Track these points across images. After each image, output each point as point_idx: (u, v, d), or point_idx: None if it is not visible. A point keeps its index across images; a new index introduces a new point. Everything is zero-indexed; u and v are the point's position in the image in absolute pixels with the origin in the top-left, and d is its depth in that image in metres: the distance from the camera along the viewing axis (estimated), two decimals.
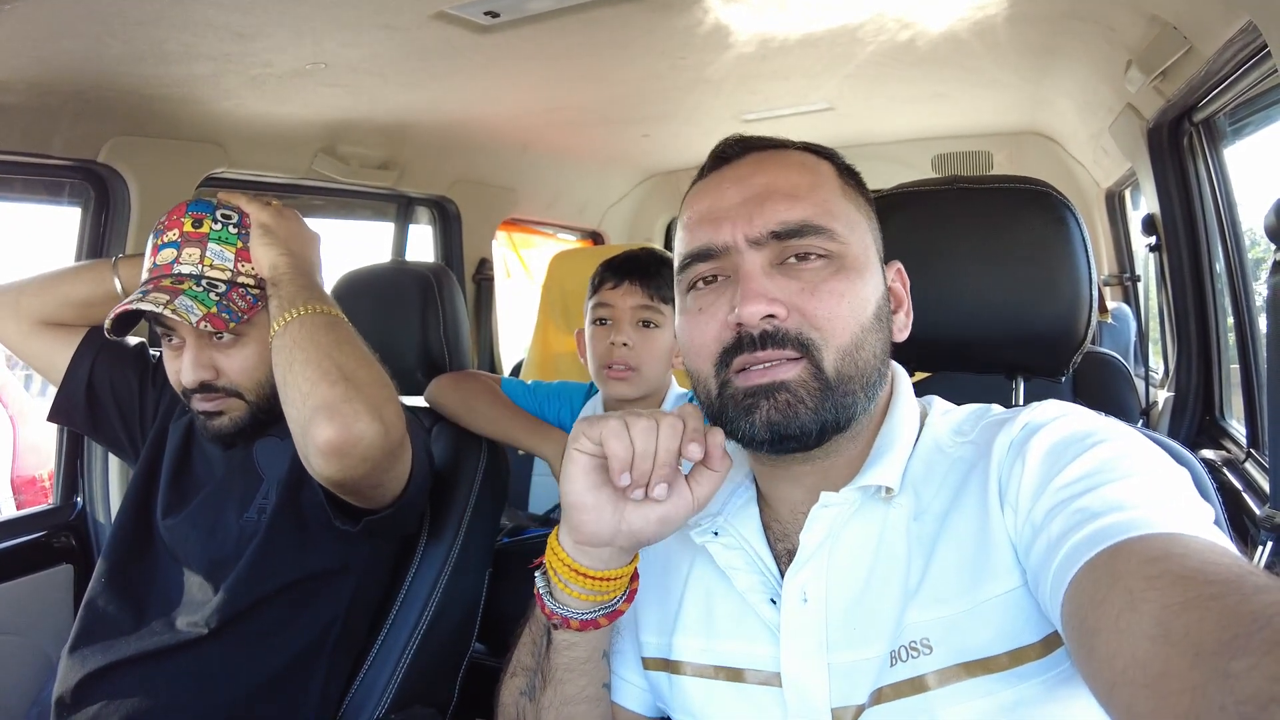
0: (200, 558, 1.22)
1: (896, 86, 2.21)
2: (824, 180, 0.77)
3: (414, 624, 1.32)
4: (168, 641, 1.16)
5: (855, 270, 0.73)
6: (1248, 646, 0.42)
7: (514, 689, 0.83)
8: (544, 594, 0.77)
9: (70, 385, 1.39)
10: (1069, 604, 0.56)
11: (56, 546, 1.71)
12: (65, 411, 1.41)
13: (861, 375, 0.72)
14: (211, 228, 1.21)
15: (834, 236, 0.73)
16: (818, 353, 0.71)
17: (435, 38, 1.52)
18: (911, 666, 0.66)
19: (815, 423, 0.70)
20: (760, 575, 0.77)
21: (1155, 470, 0.62)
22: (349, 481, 1.10)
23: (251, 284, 1.22)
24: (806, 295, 0.71)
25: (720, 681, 0.78)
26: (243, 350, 1.22)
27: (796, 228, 0.72)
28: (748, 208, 0.74)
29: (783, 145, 0.81)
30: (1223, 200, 1.87)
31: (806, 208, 0.73)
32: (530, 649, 0.82)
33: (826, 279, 0.72)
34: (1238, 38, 1.29)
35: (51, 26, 1.29)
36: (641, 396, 1.52)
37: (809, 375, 0.70)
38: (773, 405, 0.70)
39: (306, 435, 1.05)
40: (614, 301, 1.50)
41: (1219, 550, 0.53)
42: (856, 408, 0.73)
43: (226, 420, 1.24)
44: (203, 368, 1.21)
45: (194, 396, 1.23)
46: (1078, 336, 1.02)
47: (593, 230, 3.67)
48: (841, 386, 0.71)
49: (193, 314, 1.14)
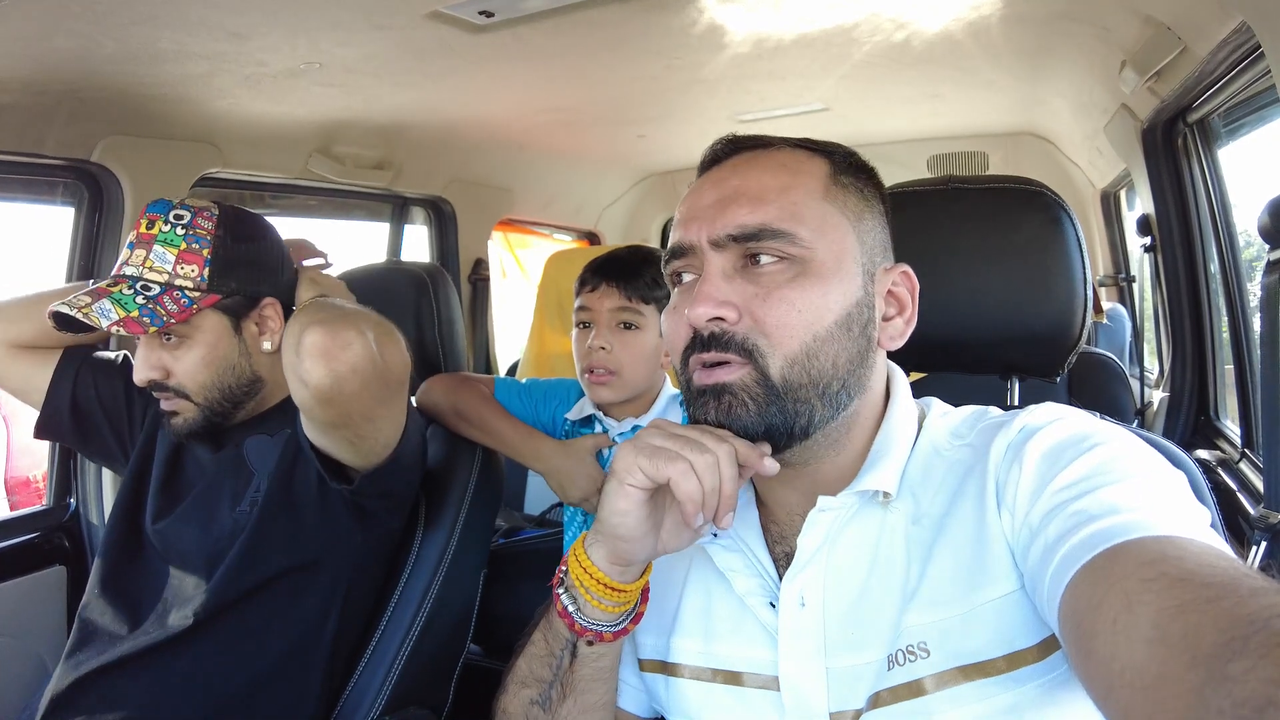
0: (195, 555, 1.22)
1: (892, 87, 2.21)
2: (801, 182, 0.75)
3: (409, 625, 1.32)
4: (159, 638, 1.16)
5: (817, 276, 0.72)
6: (1245, 649, 0.42)
7: (524, 699, 0.81)
8: (573, 613, 0.76)
9: (54, 403, 1.39)
10: (1066, 607, 0.56)
11: (49, 548, 1.70)
12: (51, 429, 1.41)
13: (815, 384, 0.71)
14: (161, 229, 1.22)
15: (794, 241, 0.71)
16: (762, 359, 0.70)
17: (430, 37, 1.51)
18: (909, 670, 0.66)
19: (759, 426, 0.70)
20: (759, 578, 0.77)
21: (1152, 473, 0.62)
22: (338, 397, 1.09)
23: (190, 286, 1.21)
24: (759, 300, 0.71)
25: (718, 684, 0.78)
26: (188, 353, 1.23)
27: (754, 231, 0.72)
28: (714, 210, 0.74)
29: (772, 144, 0.79)
30: (1217, 201, 1.88)
31: (769, 211, 0.72)
32: (547, 662, 0.80)
33: (781, 285, 0.71)
34: (1231, 38, 1.29)
35: (44, 25, 1.28)
36: (626, 400, 1.50)
37: (752, 380, 0.70)
38: (717, 406, 0.71)
39: (299, 347, 1.07)
40: (592, 304, 1.48)
41: (1215, 553, 0.53)
42: (813, 415, 0.72)
43: (180, 420, 1.25)
44: (151, 368, 1.22)
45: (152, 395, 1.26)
46: (1072, 337, 1.02)
47: (589, 231, 3.67)
48: (790, 394, 0.70)
49: (107, 317, 1.15)
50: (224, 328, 1.25)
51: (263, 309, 1.28)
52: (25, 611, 1.61)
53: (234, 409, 1.28)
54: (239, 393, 1.28)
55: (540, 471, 1.51)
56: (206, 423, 1.26)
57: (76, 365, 1.39)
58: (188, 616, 1.16)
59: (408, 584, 1.37)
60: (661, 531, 0.74)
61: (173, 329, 1.20)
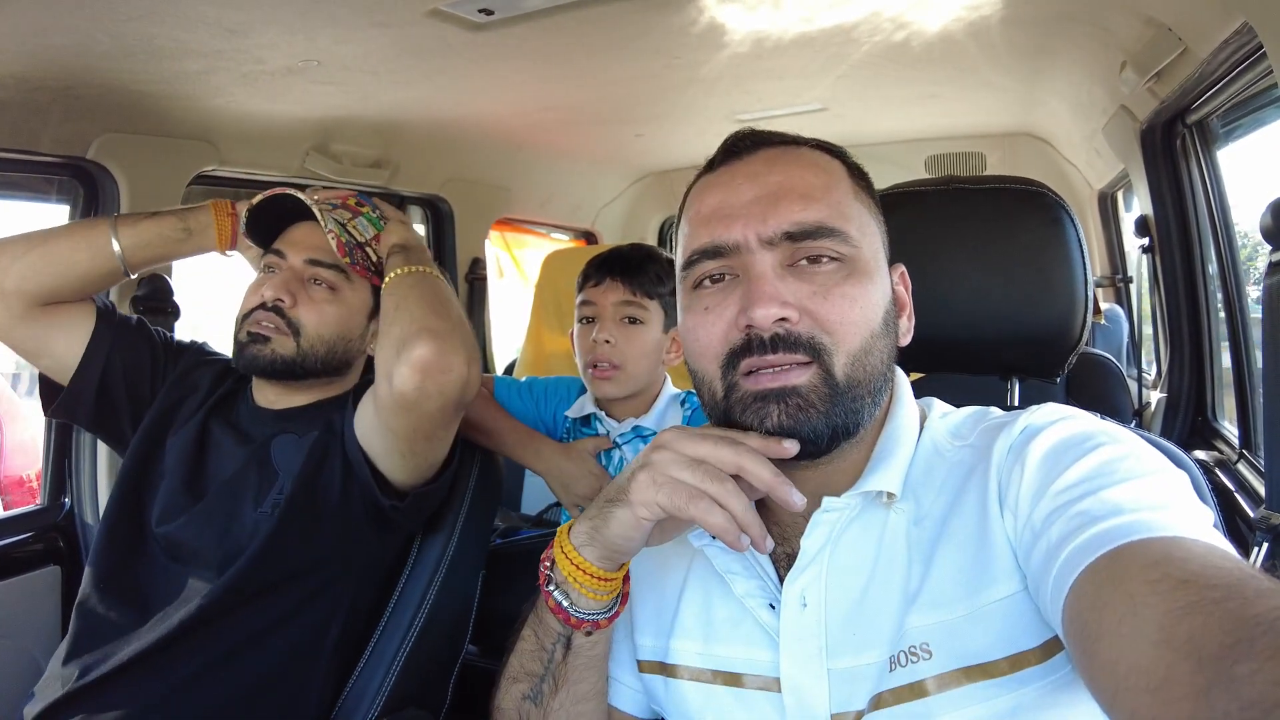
0: (209, 554, 1.21)
1: (891, 87, 2.21)
2: (837, 181, 0.76)
3: (407, 626, 1.31)
4: (166, 637, 1.15)
5: (866, 274, 0.72)
6: (1251, 651, 0.42)
7: (516, 694, 0.82)
8: (567, 608, 0.76)
9: (81, 382, 1.33)
10: (1070, 609, 0.56)
11: (44, 548, 1.69)
12: (69, 408, 1.35)
13: (869, 381, 0.72)
14: (366, 211, 1.36)
15: (847, 240, 0.72)
16: (828, 358, 0.70)
17: (429, 35, 1.51)
18: (911, 672, 0.66)
19: (826, 428, 0.70)
20: (759, 580, 0.77)
21: (1155, 473, 0.62)
22: (414, 412, 1.14)
23: (374, 260, 1.33)
24: (819, 299, 0.70)
25: (718, 686, 0.77)
26: (329, 305, 1.31)
27: (811, 229, 0.71)
28: (761, 206, 0.72)
29: (795, 142, 0.79)
30: (1215, 202, 1.88)
31: (821, 209, 0.72)
32: (538, 656, 0.80)
33: (839, 283, 0.71)
34: (1233, 39, 1.29)
35: (40, 22, 1.27)
36: (629, 395, 1.50)
37: (819, 380, 0.69)
38: (784, 410, 0.69)
39: (404, 348, 1.11)
40: (596, 299, 1.49)
41: (1219, 554, 0.53)
42: (864, 413, 0.72)
43: (269, 350, 1.27)
44: (286, 292, 1.28)
45: (256, 314, 1.28)
46: (1073, 337, 1.02)
47: (586, 230, 3.66)
48: (851, 392, 0.70)
49: (328, 227, 1.25)
50: (367, 307, 1.35)
51: None
52: (19, 612, 1.60)
53: (319, 373, 1.32)
54: (336, 363, 1.33)
55: (540, 473, 1.51)
56: (290, 366, 1.29)
57: (110, 343, 1.34)
58: (194, 615, 1.15)
59: (407, 585, 1.36)
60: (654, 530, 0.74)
61: (328, 278, 1.31)
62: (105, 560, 1.25)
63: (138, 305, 1.75)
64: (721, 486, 0.66)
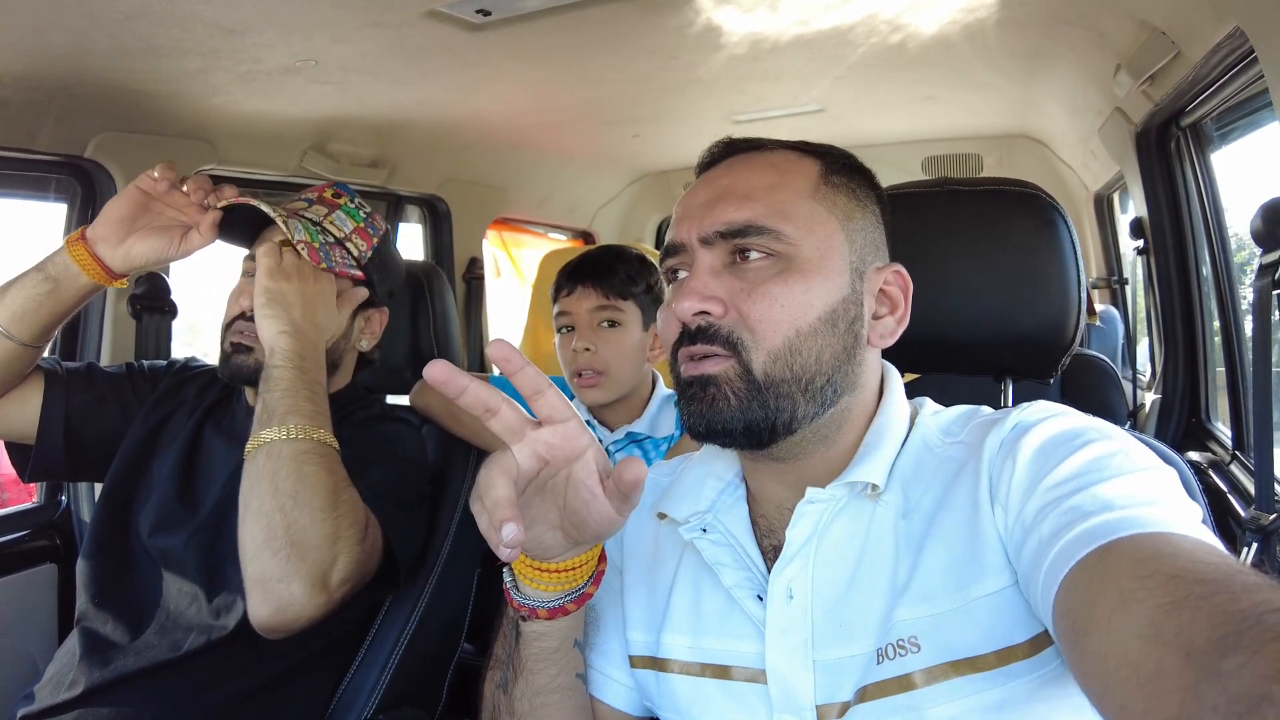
0: (199, 567, 1.20)
1: (887, 89, 2.21)
2: (790, 181, 0.77)
3: (402, 624, 1.31)
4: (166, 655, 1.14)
5: (802, 273, 0.73)
6: (1238, 645, 0.42)
7: (492, 682, 0.83)
8: (510, 587, 0.77)
9: (46, 442, 1.30)
10: (1060, 604, 0.56)
11: (40, 545, 1.69)
12: (44, 468, 1.33)
13: (798, 379, 0.72)
14: (345, 203, 1.32)
15: (780, 237, 0.74)
16: (746, 353, 0.72)
17: (427, 36, 1.51)
18: (898, 664, 0.67)
19: (739, 420, 0.72)
20: (747, 571, 0.77)
21: (1145, 469, 0.63)
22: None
23: (354, 254, 1.30)
24: (744, 295, 0.73)
25: (707, 679, 0.78)
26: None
27: (740, 228, 0.74)
28: (704, 208, 0.77)
29: (764, 146, 0.82)
30: (1209, 204, 1.89)
31: (755, 208, 0.74)
32: (502, 641, 0.82)
33: (766, 280, 0.73)
34: (1225, 43, 1.30)
35: (38, 20, 1.27)
36: (618, 399, 1.50)
37: (735, 374, 0.72)
38: (702, 397, 0.73)
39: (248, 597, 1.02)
40: (571, 308, 1.48)
41: (1208, 549, 0.53)
42: (795, 410, 0.73)
43: (252, 360, 1.24)
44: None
45: (236, 324, 1.26)
46: (1066, 338, 1.02)
47: (584, 230, 3.67)
48: (772, 389, 0.72)
49: (298, 233, 1.20)
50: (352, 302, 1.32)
51: (377, 312, 1.37)
52: (16, 610, 1.60)
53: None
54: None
55: None
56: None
57: (63, 400, 1.31)
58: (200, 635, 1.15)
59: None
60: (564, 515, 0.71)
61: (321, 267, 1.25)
62: (98, 576, 1.24)
63: (135, 304, 1.75)
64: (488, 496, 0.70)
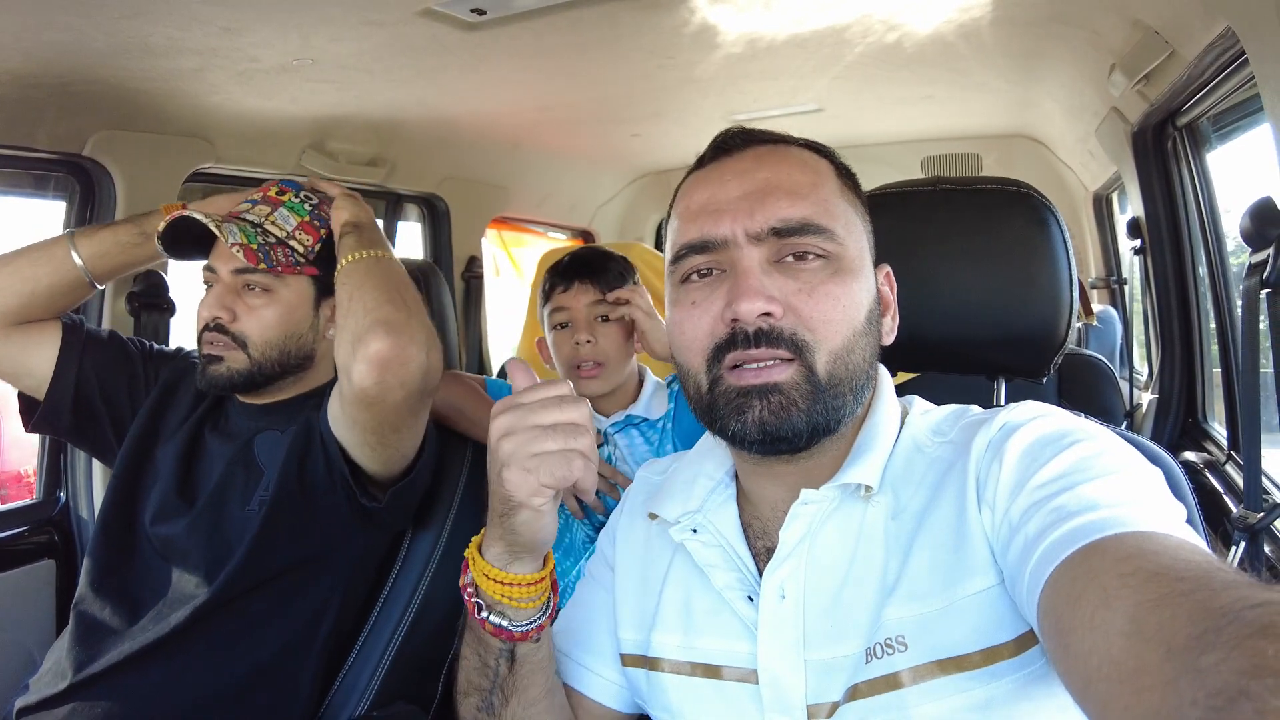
0: (203, 554, 1.22)
1: (885, 88, 2.21)
2: (824, 179, 0.77)
3: (398, 621, 1.32)
4: (160, 635, 1.16)
5: (850, 273, 0.73)
6: (1216, 641, 0.42)
7: (470, 707, 0.82)
8: (506, 626, 0.75)
9: (56, 396, 1.35)
10: (1045, 602, 0.57)
11: (39, 542, 1.69)
12: (51, 422, 1.37)
13: (851, 379, 0.73)
14: (290, 199, 1.33)
15: (833, 237, 0.73)
16: (810, 355, 0.71)
17: (422, 34, 1.51)
18: (886, 664, 0.67)
19: (806, 425, 0.71)
20: (738, 572, 0.78)
21: (1129, 470, 0.63)
22: (379, 405, 1.12)
23: (300, 251, 1.30)
24: (803, 296, 0.71)
25: (698, 679, 0.78)
26: (267, 307, 1.28)
27: (797, 225, 0.72)
28: (749, 202, 0.73)
29: (784, 140, 0.80)
30: (1205, 204, 1.89)
31: (808, 206, 0.73)
32: (483, 672, 0.79)
33: (824, 280, 0.72)
34: (1217, 43, 1.30)
35: (35, 19, 1.28)
36: (612, 390, 1.54)
37: (801, 378, 0.71)
38: (765, 406, 0.70)
39: (360, 343, 1.10)
40: (569, 304, 1.52)
41: (1189, 548, 0.54)
42: (845, 410, 0.73)
43: (224, 368, 1.27)
44: (223, 308, 1.27)
45: (204, 335, 1.28)
46: (1058, 337, 1.02)
47: (583, 229, 3.67)
48: (832, 389, 0.71)
49: (233, 237, 1.21)
50: (308, 298, 1.32)
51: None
52: (14, 605, 1.61)
53: (281, 375, 1.31)
54: (293, 362, 1.32)
55: None
56: (249, 378, 1.28)
57: (79, 353, 1.36)
58: (188, 614, 1.16)
59: (397, 580, 1.37)
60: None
61: (261, 281, 1.27)
62: (101, 559, 1.26)
63: (134, 301, 1.76)
64: (579, 440, 0.68)
